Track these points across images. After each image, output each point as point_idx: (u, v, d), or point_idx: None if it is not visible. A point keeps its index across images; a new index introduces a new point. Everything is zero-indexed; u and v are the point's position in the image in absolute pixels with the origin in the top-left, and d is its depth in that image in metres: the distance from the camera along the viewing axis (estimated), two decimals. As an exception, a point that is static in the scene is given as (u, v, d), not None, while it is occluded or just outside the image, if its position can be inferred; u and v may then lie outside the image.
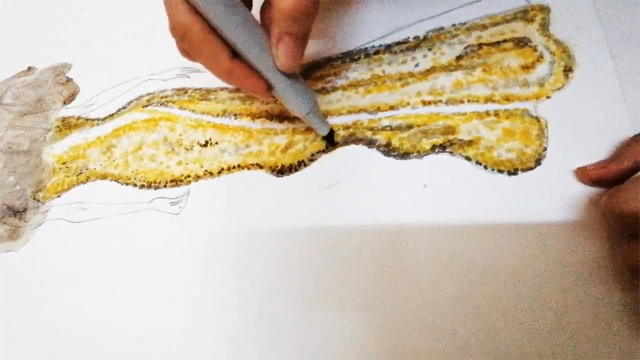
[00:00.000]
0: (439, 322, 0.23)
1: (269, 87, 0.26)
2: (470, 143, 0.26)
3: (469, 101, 0.27)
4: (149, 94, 0.36)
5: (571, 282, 0.22)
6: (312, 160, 0.29)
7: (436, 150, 0.27)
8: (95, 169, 0.34)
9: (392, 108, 0.29)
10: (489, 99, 0.27)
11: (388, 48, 0.30)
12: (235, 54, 0.24)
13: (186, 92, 0.35)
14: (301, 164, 0.29)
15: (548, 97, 0.26)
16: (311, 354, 0.25)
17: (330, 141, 0.29)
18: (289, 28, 0.23)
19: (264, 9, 0.25)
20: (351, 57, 0.31)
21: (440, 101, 0.28)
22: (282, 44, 0.23)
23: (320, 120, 0.28)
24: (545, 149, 0.25)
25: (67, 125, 0.37)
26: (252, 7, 0.26)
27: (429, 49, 0.30)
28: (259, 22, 0.24)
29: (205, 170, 0.31)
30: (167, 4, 0.24)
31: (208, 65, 0.25)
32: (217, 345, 0.26)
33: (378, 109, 0.29)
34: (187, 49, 0.25)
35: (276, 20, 0.23)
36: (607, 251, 0.22)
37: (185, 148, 0.32)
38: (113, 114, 0.36)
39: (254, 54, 0.24)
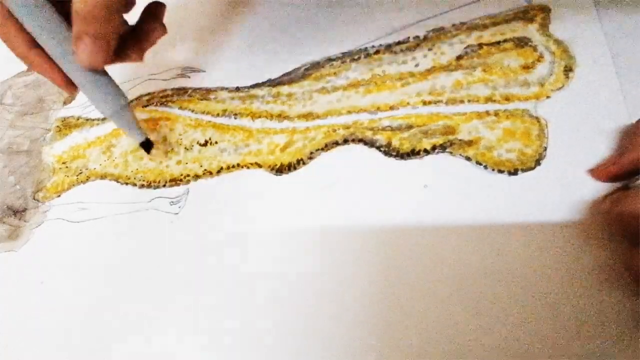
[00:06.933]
0: (439, 322, 0.23)
1: (72, 83, 0.27)
2: (470, 143, 0.26)
3: (469, 101, 0.27)
4: (149, 93, 0.36)
5: (571, 282, 0.22)
6: (311, 158, 0.29)
7: (436, 151, 0.27)
8: (95, 168, 0.34)
9: (392, 108, 0.29)
10: (489, 99, 0.27)
11: (388, 48, 0.30)
12: (37, 43, 0.25)
13: (186, 92, 0.35)
14: (300, 162, 0.29)
15: (548, 97, 0.26)
16: (310, 353, 0.25)
17: (147, 149, 0.31)
18: (86, 29, 0.23)
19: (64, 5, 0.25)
20: (351, 57, 0.31)
21: (441, 101, 0.28)
22: (81, 44, 0.24)
23: (132, 126, 0.29)
24: (545, 149, 0.25)
25: (67, 125, 0.37)
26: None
27: (429, 49, 0.29)
28: (62, 18, 0.24)
29: (205, 170, 0.31)
30: None
31: (8, 47, 0.26)
32: (216, 345, 0.26)
33: (378, 109, 0.29)
34: None
35: (74, 20, 0.23)
36: (608, 252, 0.22)
37: (185, 147, 0.32)
38: (113, 114, 0.36)
39: (51, 51, 0.25)
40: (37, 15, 0.23)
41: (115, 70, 0.37)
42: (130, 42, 0.28)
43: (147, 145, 0.30)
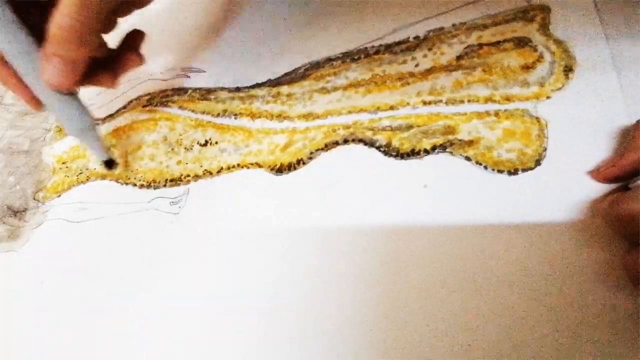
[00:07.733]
0: (439, 322, 0.23)
1: (37, 99, 0.27)
2: (470, 143, 0.26)
3: (469, 101, 0.27)
4: (149, 94, 0.36)
5: (572, 282, 0.22)
6: (311, 158, 0.29)
7: (436, 151, 0.27)
8: (95, 168, 0.34)
9: (392, 108, 0.29)
10: (489, 99, 0.27)
11: (388, 48, 0.30)
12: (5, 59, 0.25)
13: (186, 92, 0.35)
14: (300, 162, 0.29)
15: (548, 97, 0.26)
16: (310, 354, 0.25)
17: (109, 167, 0.32)
18: (56, 51, 0.24)
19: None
20: (351, 57, 0.31)
21: (440, 101, 0.28)
22: (49, 64, 0.24)
23: (95, 145, 0.30)
24: (545, 149, 0.25)
25: (67, 125, 0.37)
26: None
27: (429, 49, 0.29)
28: (32, 37, 0.25)
29: (205, 170, 0.31)
30: None
31: None
32: (216, 346, 0.26)
33: (378, 109, 0.29)
34: None
35: (47, 41, 0.24)
36: (608, 252, 0.22)
37: (185, 148, 0.32)
38: (113, 114, 0.36)
39: (19, 68, 0.25)
40: (7, 32, 0.24)
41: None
42: (105, 66, 0.28)
43: (109, 164, 0.32)
